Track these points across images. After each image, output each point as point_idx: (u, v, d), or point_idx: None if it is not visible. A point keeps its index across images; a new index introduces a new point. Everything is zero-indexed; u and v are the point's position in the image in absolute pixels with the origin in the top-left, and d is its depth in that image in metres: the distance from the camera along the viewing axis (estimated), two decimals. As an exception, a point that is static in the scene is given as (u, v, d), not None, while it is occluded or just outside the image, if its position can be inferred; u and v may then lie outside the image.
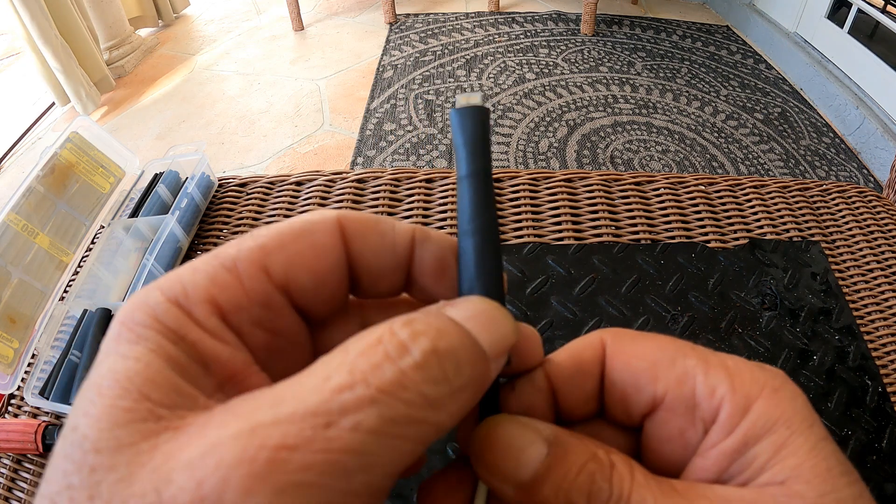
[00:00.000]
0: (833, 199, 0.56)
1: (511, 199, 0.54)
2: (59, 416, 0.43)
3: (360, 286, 0.16)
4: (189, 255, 0.51)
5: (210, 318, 0.13)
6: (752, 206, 0.55)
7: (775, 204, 0.55)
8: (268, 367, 0.14)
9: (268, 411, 0.11)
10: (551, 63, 2.12)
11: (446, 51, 2.19)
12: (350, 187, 0.55)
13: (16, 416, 0.44)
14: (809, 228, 0.53)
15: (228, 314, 0.14)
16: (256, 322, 0.14)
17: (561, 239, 0.51)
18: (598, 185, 0.56)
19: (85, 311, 0.44)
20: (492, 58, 2.15)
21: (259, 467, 0.10)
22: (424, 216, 0.53)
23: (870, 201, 0.56)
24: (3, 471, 0.42)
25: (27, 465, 0.42)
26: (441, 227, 0.51)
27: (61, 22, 1.75)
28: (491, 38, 2.28)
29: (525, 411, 0.17)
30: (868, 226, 0.54)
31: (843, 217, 0.55)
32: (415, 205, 0.53)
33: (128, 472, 0.10)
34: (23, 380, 0.43)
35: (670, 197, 0.55)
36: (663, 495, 0.14)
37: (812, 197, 0.57)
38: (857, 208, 0.56)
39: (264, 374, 0.14)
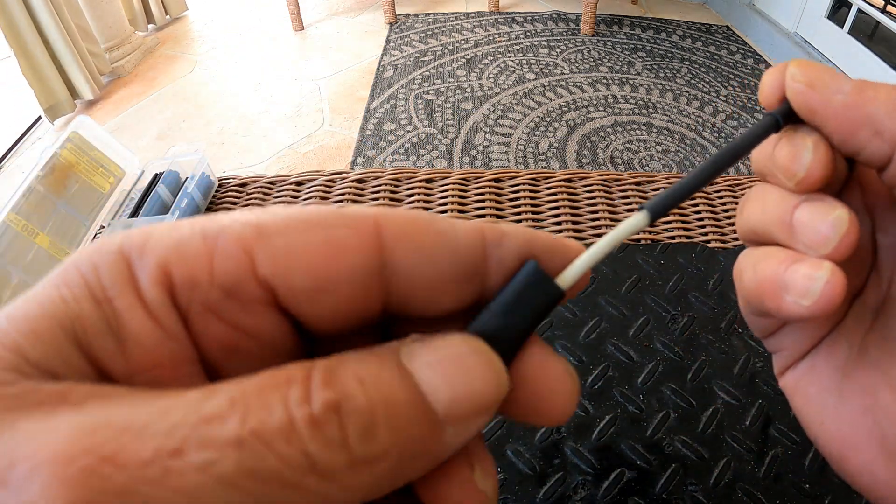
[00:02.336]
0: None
1: (511, 199, 0.54)
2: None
3: (410, 303, 0.13)
4: (189, 255, 0.51)
5: (153, 288, 0.11)
6: (752, 206, 0.55)
7: (775, 204, 0.55)
8: (221, 368, 0.12)
9: (125, 413, 0.09)
10: (551, 63, 2.12)
11: (446, 51, 2.19)
12: (350, 187, 0.55)
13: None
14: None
15: (179, 290, 0.11)
16: (213, 309, 0.11)
17: (561, 239, 0.51)
18: (598, 185, 0.56)
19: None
20: (492, 58, 2.15)
21: (71, 472, 0.08)
22: (424, 216, 0.53)
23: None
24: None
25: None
26: (441, 227, 0.52)
27: (40, 33, 1.74)
28: (491, 38, 2.28)
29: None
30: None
31: (843, 217, 0.55)
32: (415, 205, 0.53)
33: None
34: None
35: (670, 197, 0.55)
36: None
37: (812, 197, 0.57)
38: (857, 208, 0.56)
39: (200, 375, 0.11)
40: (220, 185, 0.57)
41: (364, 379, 0.10)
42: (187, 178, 0.53)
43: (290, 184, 0.56)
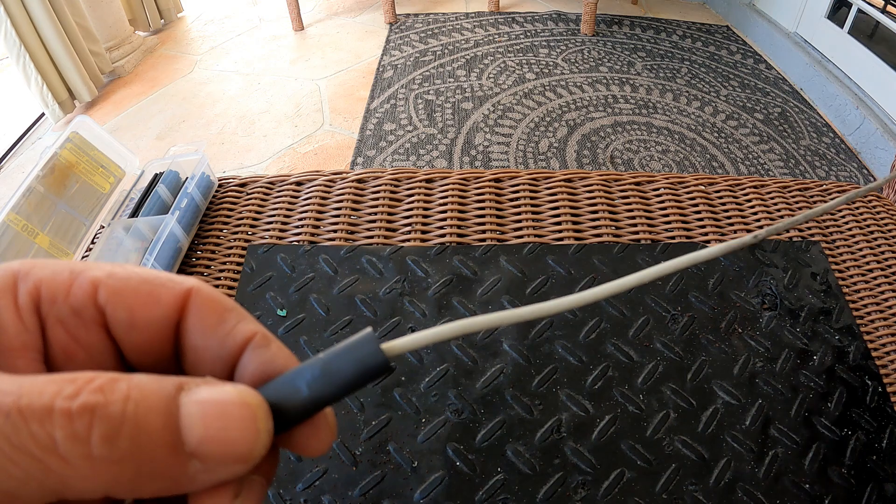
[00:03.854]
0: (833, 199, 0.56)
1: (511, 199, 0.54)
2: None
3: (184, 360, 0.16)
4: (189, 255, 0.51)
5: (25, 296, 0.15)
6: (752, 206, 0.55)
7: (775, 204, 0.55)
8: (56, 362, 0.15)
9: None
10: (551, 63, 2.12)
11: (446, 51, 2.19)
12: (350, 187, 0.55)
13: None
14: (809, 228, 0.53)
15: (43, 302, 0.15)
16: (61, 321, 0.15)
17: (561, 239, 0.51)
18: (598, 185, 0.56)
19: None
20: (492, 58, 2.15)
21: None
22: (424, 216, 0.53)
23: (870, 201, 0.56)
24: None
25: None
26: (441, 228, 0.52)
27: (39, 32, 1.74)
28: (491, 38, 2.28)
29: None
30: (868, 226, 0.54)
31: (843, 217, 0.55)
32: (415, 205, 0.53)
33: None
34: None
35: (670, 197, 0.55)
36: None
37: (812, 197, 0.57)
38: (857, 208, 0.56)
39: (41, 366, 0.15)
40: (220, 185, 0.57)
41: (131, 397, 0.12)
42: (187, 178, 0.53)
43: (290, 184, 0.56)
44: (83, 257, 0.51)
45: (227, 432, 0.12)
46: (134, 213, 0.51)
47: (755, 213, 0.54)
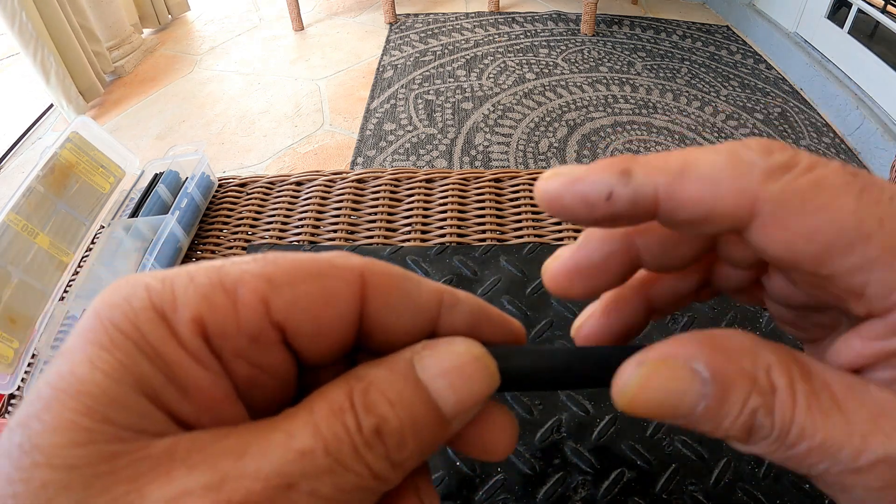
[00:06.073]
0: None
1: (511, 199, 0.54)
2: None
3: (371, 341, 0.15)
4: (189, 255, 0.51)
5: (194, 340, 0.12)
6: (752, 206, 0.55)
7: (775, 204, 0.55)
8: (246, 398, 0.14)
9: (232, 461, 0.11)
10: (551, 63, 2.12)
11: (446, 51, 2.19)
12: (350, 187, 0.55)
13: (16, 416, 0.43)
14: (809, 228, 0.53)
15: (214, 339, 0.13)
16: (242, 354, 0.13)
17: (561, 239, 0.51)
18: (598, 185, 0.56)
19: (85, 311, 0.44)
20: (492, 58, 2.15)
21: None
22: (424, 216, 0.53)
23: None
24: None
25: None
26: (441, 227, 0.52)
27: (49, 29, 1.74)
28: (491, 38, 2.28)
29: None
30: (868, 226, 0.54)
31: (843, 217, 0.55)
32: (415, 205, 0.53)
33: (85, 497, 0.10)
34: (23, 380, 0.43)
35: (670, 197, 0.55)
36: (824, 417, 0.13)
37: (812, 197, 0.57)
38: (857, 208, 0.55)
39: (241, 406, 0.14)
40: (220, 185, 0.57)
41: (392, 400, 0.13)
42: (187, 178, 0.53)
43: (290, 184, 0.56)
44: (83, 258, 0.51)
45: (471, 389, 0.14)
46: (134, 213, 0.51)
47: (755, 213, 0.54)
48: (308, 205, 0.54)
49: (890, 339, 0.13)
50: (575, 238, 0.51)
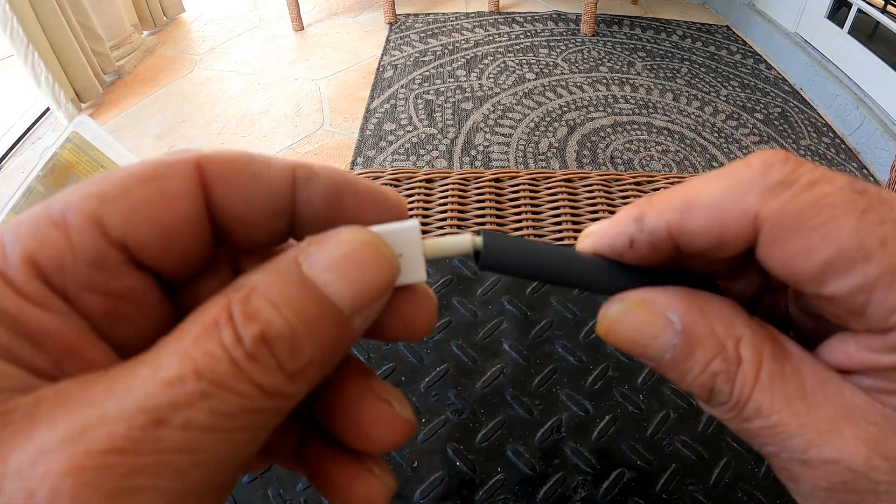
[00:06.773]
0: (833, 199, 0.56)
1: (511, 199, 0.54)
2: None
3: (232, 237, 0.14)
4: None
5: (30, 283, 0.11)
6: (752, 206, 0.55)
7: (775, 204, 0.55)
8: (111, 335, 0.13)
9: (96, 407, 0.10)
10: (551, 63, 2.12)
11: (446, 51, 2.19)
12: (350, 187, 0.55)
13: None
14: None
15: (51, 276, 0.12)
16: (87, 285, 0.12)
17: (561, 239, 0.51)
18: (598, 185, 0.56)
19: None
20: (492, 58, 2.15)
21: (88, 476, 0.09)
22: (424, 216, 0.53)
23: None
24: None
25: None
26: (441, 227, 0.52)
27: (46, 30, 1.73)
28: (491, 38, 2.28)
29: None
30: (868, 226, 0.54)
31: (843, 217, 0.55)
32: (415, 205, 0.53)
33: None
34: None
35: (670, 197, 0.55)
36: (785, 402, 0.13)
37: (812, 197, 0.57)
38: (857, 208, 0.56)
39: (104, 345, 0.12)
40: (220, 185, 0.57)
41: (277, 303, 0.11)
42: (187, 178, 0.54)
43: (290, 184, 0.56)
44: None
45: (367, 277, 0.13)
46: (134, 213, 0.51)
47: (755, 213, 0.54)
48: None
49: (883, 355, 0.13)
50: (575, 237, 0.51)
